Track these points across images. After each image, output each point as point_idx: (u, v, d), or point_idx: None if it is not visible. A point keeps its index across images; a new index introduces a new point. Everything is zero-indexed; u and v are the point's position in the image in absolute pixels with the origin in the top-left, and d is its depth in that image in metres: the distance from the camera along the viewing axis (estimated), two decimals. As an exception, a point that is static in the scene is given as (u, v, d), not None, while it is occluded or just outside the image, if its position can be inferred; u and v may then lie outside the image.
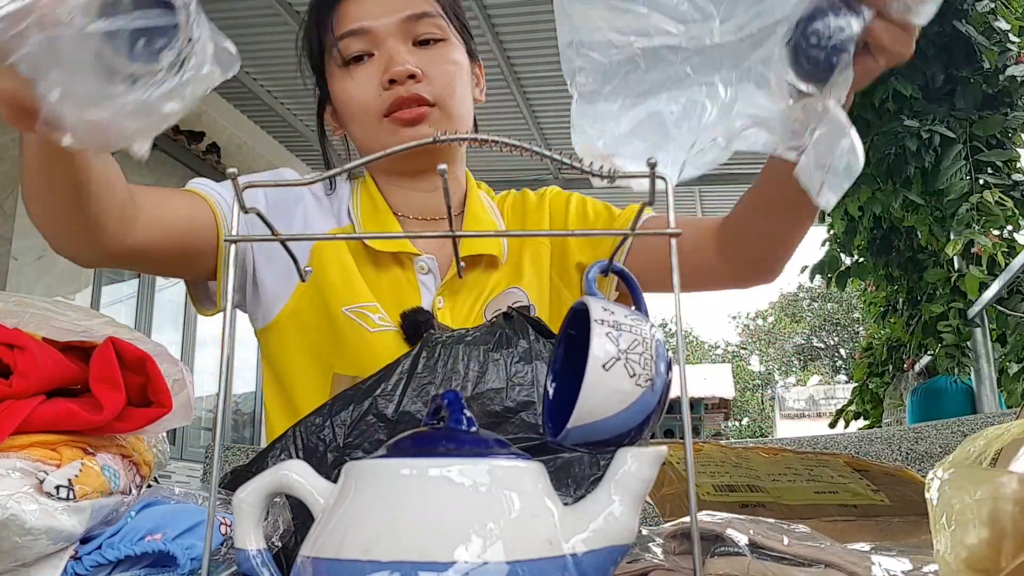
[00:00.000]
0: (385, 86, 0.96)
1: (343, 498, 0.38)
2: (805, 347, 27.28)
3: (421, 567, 0.33)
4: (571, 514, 0.38)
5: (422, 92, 0.96)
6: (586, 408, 0.40)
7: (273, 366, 1.02)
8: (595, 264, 0.46)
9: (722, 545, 0.53)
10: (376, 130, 0.98)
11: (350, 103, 0.99)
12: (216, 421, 0.45)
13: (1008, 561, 0.37)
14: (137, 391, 0.57)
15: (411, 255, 1.01)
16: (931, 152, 3.83)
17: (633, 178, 0.42)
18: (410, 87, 0.96)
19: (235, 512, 0.40)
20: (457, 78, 1.00)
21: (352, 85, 0.99)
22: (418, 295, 0.99)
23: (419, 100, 0.96)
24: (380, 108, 0.97)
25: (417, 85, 0.96)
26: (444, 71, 0.98)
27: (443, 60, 0.99)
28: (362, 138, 1.01)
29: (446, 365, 0.72)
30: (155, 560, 0.53)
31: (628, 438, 0.41)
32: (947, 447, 1.71)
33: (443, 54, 1.00)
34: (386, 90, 0.96)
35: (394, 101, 0.96)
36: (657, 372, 0.41)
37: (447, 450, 0.38)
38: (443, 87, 0.98)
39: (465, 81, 1.02)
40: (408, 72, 0.95)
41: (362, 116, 0.99)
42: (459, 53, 1.02)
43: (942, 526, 0.40)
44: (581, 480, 0.67)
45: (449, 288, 1.00)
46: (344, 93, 1.00)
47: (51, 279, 4.90)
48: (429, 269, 1.01)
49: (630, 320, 0.42)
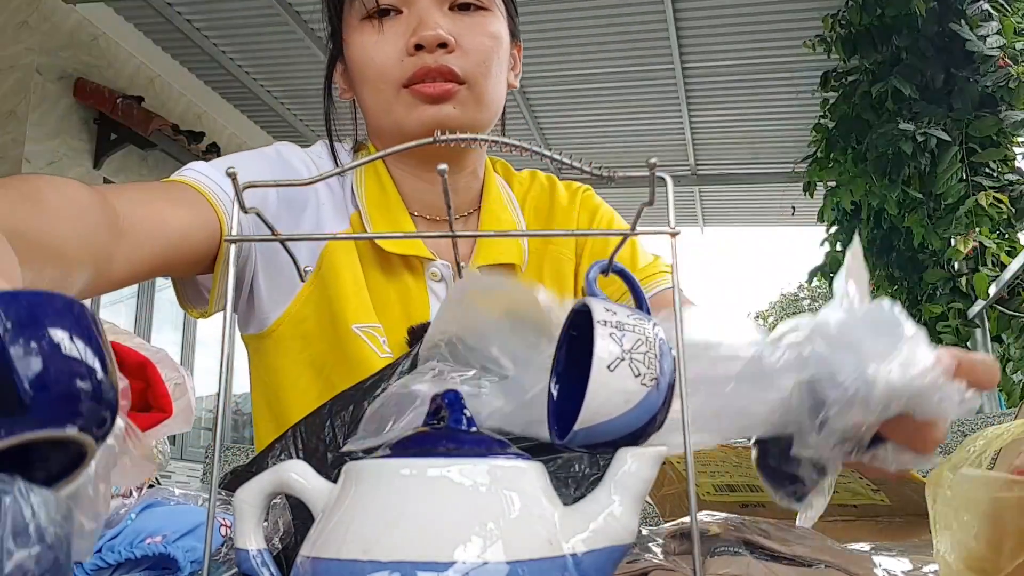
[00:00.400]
0: (410, 51, 0.83)
1: (343, 498, 0.38)
2: (805, 347, 27.20)
3: (421, 567, 0.33)
4: (571, 514, 0.38)
5: (452, 64, 0.83)
6: (592, 409, 0.40)
7: (264, 374, 0.91)
8: (595, 264, 0.46)
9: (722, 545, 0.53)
10: (391, 101, 0.85)
11: (367, 64, 0.86)
12: (216, 421, 0.46)
13: (1008, 561, 0.37)
14: (137, 396, 0.57)
15: (424, 259, 0.90)
16: (927, 155, 3.84)
17: (633, 179, 0.42)
18: (439, 57, 0.83)
19: (235, 512, 0.40)
20: (495, 54, 0.87)
21: (372, 43, 0.85)
22: (427, 306, 0.90)
23: (447, 74, 0.83)
24: (401, 76, 0.84)
25: (447, 56, 0.83)
26: (481, 44, 0.85)
27: (482, 31, 0.86)
28: (374, 107, 0.88)
29: (446, 365, 0.72)
30: (155, 562, 0.53)
31: (635, 438, 0.41)
32: (947, 447, 1.71)
33: (483, 24, 0.86)
34: (410, 56, 0.83)
35: (418, 70, 0.83)
36: (661, 371, 0.41)
37: (447, 450, 0.38)
38: (477, 62, 0.85)
39: (503, 60, 0.89)
40: (439, 39, 0.82)
41: (378, 81, 0.86)
42: (501, 26, 0.89)
43: (942, 526, 0.40)
44: (581, 480, 0.66)
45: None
46: (362, 51, 0.86)
47: (51, 279, 4.89)
48: (442, 276, 0.91)
49: (633, 320, 0.42)
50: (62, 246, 0.57)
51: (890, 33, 4.05)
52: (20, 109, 4.70)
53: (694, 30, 4.91)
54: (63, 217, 0.58)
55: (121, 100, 4.87)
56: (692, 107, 5.81)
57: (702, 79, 5.46)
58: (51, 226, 0.56)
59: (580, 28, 4.86)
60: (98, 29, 5.13)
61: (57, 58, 4.85)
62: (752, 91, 5.58)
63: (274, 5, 4.70)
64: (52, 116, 4.84)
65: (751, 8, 4.67)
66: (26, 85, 4.71)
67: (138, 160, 5.43)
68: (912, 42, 4.00)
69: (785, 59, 5.05)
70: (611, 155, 6.55)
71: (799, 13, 4.64)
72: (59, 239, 0.56)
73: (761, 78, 5.40)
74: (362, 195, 0.92)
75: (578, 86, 5.57)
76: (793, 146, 5.52)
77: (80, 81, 4.94)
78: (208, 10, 4.91)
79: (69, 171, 4.94)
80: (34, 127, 4.72)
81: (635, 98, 5.71)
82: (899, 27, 4.02)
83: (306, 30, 4.94)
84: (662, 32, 4.88)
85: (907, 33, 4.00)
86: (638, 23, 4.82)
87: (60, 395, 0.29)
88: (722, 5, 4.64)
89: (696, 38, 4.99)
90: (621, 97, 5.71)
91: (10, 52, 4.76)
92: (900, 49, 4.04)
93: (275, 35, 5.06)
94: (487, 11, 0.88)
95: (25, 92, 4.71)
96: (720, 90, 5.61)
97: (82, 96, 4.94)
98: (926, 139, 3.79)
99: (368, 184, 0.92)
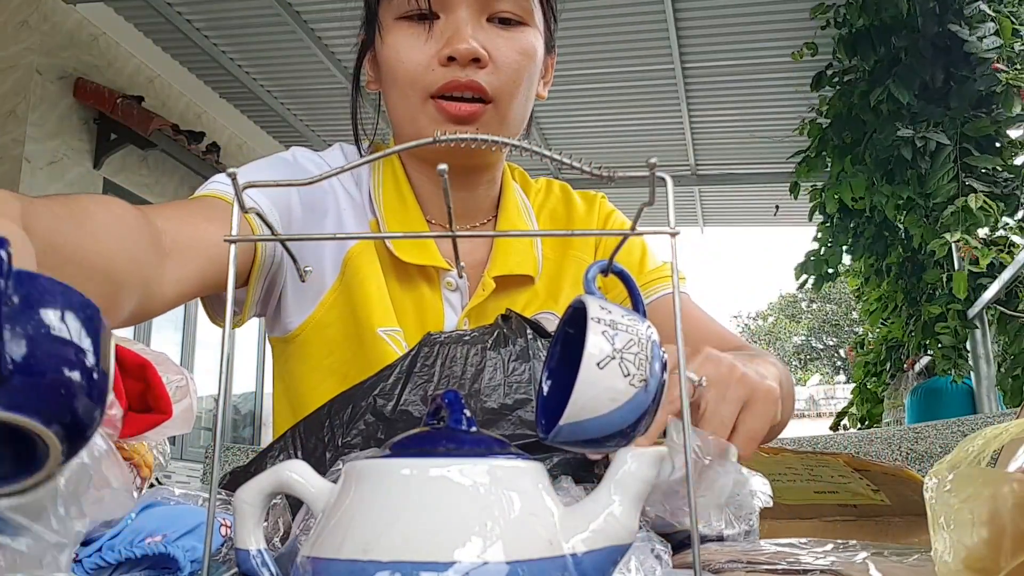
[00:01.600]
0: (442, 61, 0.82)
1: (343, 498, 0.38)
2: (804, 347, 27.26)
3: (421, 567, 0.33)
4: (571, 514, 0.38)
5: (482, 81, 0.82)
6: (578, 405, 0.40)
7: (287, 377, 0.92)
8: (594, 264, 0.46)
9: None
10: (417, 110, 0.85)
11: (396, 67, 0.85)
12: (216, 421, 0.45)
13: (1007, 561, 0.37)
14: (137, 397, 0.57)
15: (440, 269, 0.90)
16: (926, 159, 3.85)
17: (633, 179, 0.42)
18: (470, 72, 0.82)
19: (235, 512, 0.40)
20: (526, 73, 0.86)
21: (404, 47, 0.84)
22: (442, 315, 0.89)
23: (476, 90, 0.82)
24: (430, 86, 0.83)
25: (479, 72, 0.82)
26: (514, 61, 0.84)
27: (516, 47, 0.85)
28: (400, 112, 0.87)
29: (444, 364, 0.72)
30: (155, 562, 0.53)
31: (620, 438, 0.41)
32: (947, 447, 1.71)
33: (518, 40, 0.85)
34: (442, 66, 0.82)
35: (448, 83, 0.82)
36: (652, 373, 0.41)
37: (447, 450, 0.38)
38: (507, 80, 0.84)
39: (534, 77, 0.88)
40: (473, 53, 0.81)
41: (406, 87, 0.85)
42: (537, 41, 0.88)
43: (941, 526, 0.40)
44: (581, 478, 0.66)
45: (478, 311, 0.90)
46: (394, 52, 0.85)
47: (51, 279, 4.89)
48: (457, 286, 0.91)
49: (627, 320, 0.42)
50: (109, 265, 0.56)
51: (889, 33, 4.05)
52: (20, 109, 4.70)
53: (694, 30, 4.91)
54: (111, 235, 0.57)
55: (121, 100, 4.87)
56: (692, 107, 5.81)
57: (702, 79, 5.46)
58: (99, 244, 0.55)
59: (580, 28, 4.86)
60: (98, 29, 5.13)
61: (57, 58, 4.85)
62: (752, 91, 5.58)
63: (274, 5, 4.70)
64: (52, 116, 4.84)
65: (751, 8, 4.67)
66: (26, 85, 4.71)
67: (138, 160, 5.43)
68: (911, 43, 4.00)
69: (785, 59, 5.05)
70: (611, 155, 6.54)
71: (799, 14, 4.64)
72: (106, 257, 0.55)
73: (761, 78, 5.40)
74: (380, 201, 0.91)
75: (578, 86, 5.56)
76: (793, 146, 5.51)
77: (80, 81, 4.94)
78: (208, 10, 4.91)
79: (69, 171, 4.94)
80: (34, 127, 4.72)
81: (635, 98, 5.71)
82: (898, 28, 4.01)
83: (306, 30, 4.93)
84: (662, 32, 4.88)
85: (906, 34, 4.00)
86: (638, 23, 4.82)
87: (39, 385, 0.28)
88: (722, 5, 4.64)
89: (696, 38, 4.99)
90: (621, 97, 5.71)
91: (10, 52, 4.76)
92: (899, 49, 4.04)
93: (275, 35, 5.06)
94: (525, 26, 0.86)
95: (25, 92, 4.71)
96: (720, 90, 5.61)
97: (82, 96, 4.94)
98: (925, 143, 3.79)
99: (387, 190, 0.92)
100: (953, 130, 3.85)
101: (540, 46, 0.89)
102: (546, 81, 0.96)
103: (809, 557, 0.52)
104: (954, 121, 3.86)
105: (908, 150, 3.80)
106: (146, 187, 5.59)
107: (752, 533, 0.66)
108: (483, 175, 0.95)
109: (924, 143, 3.80)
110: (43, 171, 4.78)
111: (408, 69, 0.84)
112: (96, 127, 5.10)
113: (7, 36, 4.77)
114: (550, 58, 0.96)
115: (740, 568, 0.51)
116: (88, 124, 5.07)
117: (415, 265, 0.90)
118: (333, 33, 4.97)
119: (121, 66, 5.33)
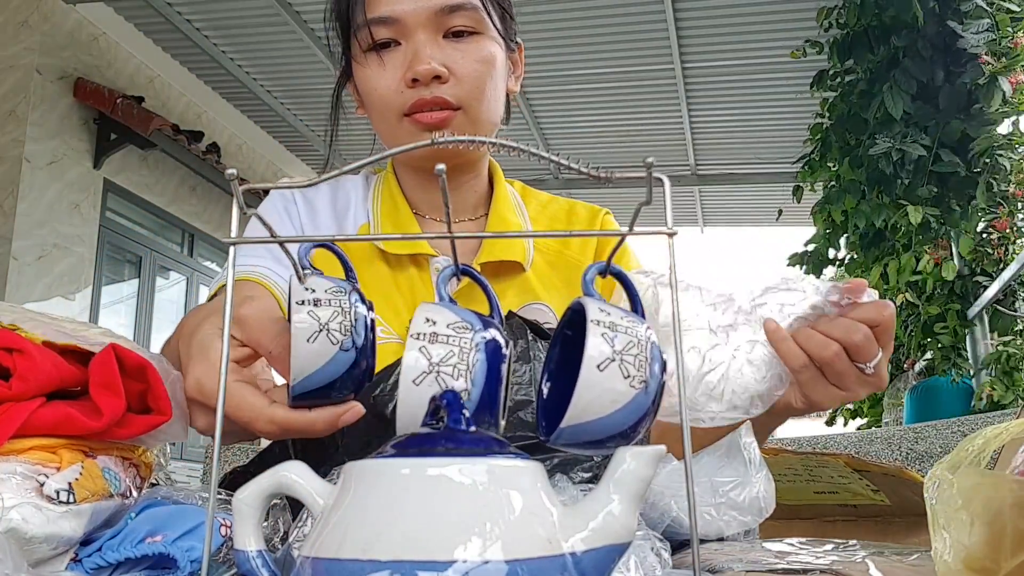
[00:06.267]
0: (408, 83, 0.90)
1: (343, 498, 0.38)
2: (805, 347, 27.22)
3: (421, 566, 0.33)
4: (570, 513, 0.38)
5: (446, 95, 0.90)
6: (579, 408, 0.40)
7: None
8: (593, 265, 0.46)
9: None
10: (395, 128, 0.93)
11: (371, 94, 0.94)
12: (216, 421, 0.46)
13: (1007, 561, 0.37)
14: (137, 398, 0.57)
15: (428, 256, 0.96)
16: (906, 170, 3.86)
17: (630, 179, 0.42)
18: (434, 89, 0.90)
19: (234, 513, 0.40)
20: (487, 77, 0.93)
21: (374, 76, 0.93)
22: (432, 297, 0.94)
23: (442, 104, 0.90)
24: (401, 106, 0.91)
25: (442, 87, 0.90)
26: (473, 70, 0.92)
27: (474, 57, 0.92)
28: (381, 130, 0.97)
29: (445, 365, 0.72)
30: (155, 562, 0.53)
31: (621, 439, 0.42)
32: (947, 447, 1.71)
33: (475, 49, 0.92)
34: (409, 88, 0.90)
35: (416, 102, 0.90)
36: (651, 374, 0.41)
37: (446, 450, 0.38)
38: (470, 89, 0.92)
39: (497, 78, 0.95)
40: (433, 73, 0.89)
41: (382, 111, 0.93)
42: (493, 46, 0.95)
43: (941, 526, 0.40)
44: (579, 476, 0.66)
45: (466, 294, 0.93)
46: (366, 82, 0.94)
47: (51, 279, 4.90)
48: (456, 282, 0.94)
49: (626, 322, 0.42)
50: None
51: (888, 34, 4.04)
52: (20, 109, 4.70)
53: (694, 30, 4.91)
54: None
55: (121, 100, 4.87)
56: (692, 107, 5.81)
57: (702, 79, 5.46)
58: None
59: (580, 28, 4.86)
60: (98, 29, 5.13)
61: (57, 58, 4.85)
62: (752, 91, 5.57)
63: (274, 5, 4.70)
64: (52, 116, 4.84)
65: (751, 8, 4.67)
66: (26, 85, 4.71)
67: (138, 160, 5.43)
68: (910, 43, 4.00)
69: (785, 59, 5.04)
70: (611, 155, 6.54)
71: (799, 13, 4.64)
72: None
73: (761, 78, 5.40)
74: (377, 208, 1.00)
75: (578, 86, 5.56)
76: (793, 146, 5.51)
77: (80, 81, 4.95)
78: (208, 10, 4.91)
79: (69, 171, 4.95)
80: (34, 127, 4.72)
81: (635, 98, 5.71)
82: (897, 28, 4.01)
83: (306, 30, 4.93)
84: (662, 32, 4.88)
85: (905, 34, 4.00)
86: (638, 23, 4.82)
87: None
88: (722, 5, 4.64)
89: (696, 38, 4.99)
90: (621, 97, 5.71)
91: (10, 52, 4.76)
92: (897, 50, 4.03)
93: (275, 35, 5.06)
94: (479, 35, 0.93)
95: (25, 92, 4.71)
96: (720, 90, 5.60)
97: (82, 96, 4.94)
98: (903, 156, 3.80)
99: (383, 198, 1.01)
100: (936, 133, 3.86)
101: (498, 50, 0.95)
102: (517, 75, 1.03)
103: (809, 557, 0.52)
104: (939, 124, 3.86)
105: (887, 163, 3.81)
106: (146, 187, 5.59)
107: (752, 533, 0.66)
108: (468, 173, 1.02)
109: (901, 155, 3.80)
110: (43, 171, 4.79)
111: (381, 95, 0.93)
112: (96, 127, 5.10)
113: (7, 36, 4.77)
114: (515, 53, 1.02)
115: (740, 568, 0.51)
116: (88, 124, 5.08)
117: (404, 255, 0.96)
118: (333, 34, 4.96)
119: (121, 66, 5.34)
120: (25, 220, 4.69)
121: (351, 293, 0.52)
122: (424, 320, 0.43)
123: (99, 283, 5.32)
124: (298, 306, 0.49)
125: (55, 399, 0.54)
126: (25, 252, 4.71)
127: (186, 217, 6.09)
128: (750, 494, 0.65)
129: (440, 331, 0.43)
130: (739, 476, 0.66)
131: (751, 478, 0.66)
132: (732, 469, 0.66)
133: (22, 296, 4.60)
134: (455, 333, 0.43)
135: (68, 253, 5.00)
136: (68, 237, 4.99)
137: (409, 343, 0.42)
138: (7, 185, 4.66)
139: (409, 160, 1.00)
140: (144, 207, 5.68)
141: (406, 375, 0.42)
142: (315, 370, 0.50)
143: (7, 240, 4.62)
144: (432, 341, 0.43)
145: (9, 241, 4.62)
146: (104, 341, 0.57)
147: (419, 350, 0.42)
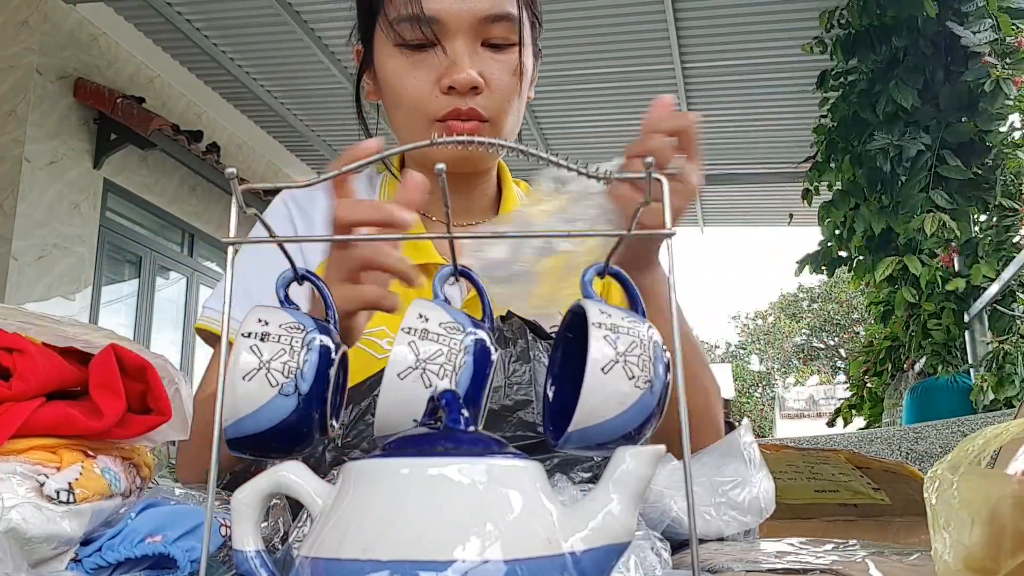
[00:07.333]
0: (444, 90, 0.89)
1: (342, 498, 0.38)
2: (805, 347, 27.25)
3: (420, 566, 0.33)
4: (570, 513, 0.38)
5: (479, 107, 0.89)
6: (586, 411, 0.40)
7: None
8: (592, 266, 0.46)
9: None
10: (424, 132, 0.91)
11: (401, 93, 0.92)
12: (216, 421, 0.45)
13: (1007, 561, 0.37)
14: (137, 398, 0.57)
15: (437, 265, 0.94)
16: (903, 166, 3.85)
17: (629, 179, 0.42)
18: (468, 100, 0.89)
19: (233, 513, 0.40)
20: (518, 91, 0.93)
21: (406, 74, 0.90)
22: None
23: (476, 116, 0.89)
24: (434, 112, 0.90)
25: (476, 97, 0.89)
26: (508, 84, 0.91)
27: (510, 70, 0.91)
28: (404, 130, 0.95)
29: (445, 365, 0.72)
30: (155, 562, 0.53)
31: (629, 440, 0.42)
32: (947, 447, 1.71)
33: (510, 62, 0.92)
34: (444, 94, 0.89)
35: (450, 111, 0.89)
36: (656, 373, 0.41)
37: (445, 449, 0.38)
38: (502, 101, 0.91)
39: (524, 91, 0.95)
40: (471, 83, 0.88)
41: (411, 112, 0.92)
42: (527, 57, 0.94)
43: (941, 526, 0.40)
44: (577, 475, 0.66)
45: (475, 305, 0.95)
46: (396, 79, 0.91)
47: (51, 279, 4.90)
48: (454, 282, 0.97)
49: (628, 322, 0.42)
50: None
51: (890, 33, 4.04)
52: (20, 109, 4.70)
53: (694, 30, 4.91)
54: None
55: (121, 100, 4.87)
56: (692, 107, 5.81)
57: (702, 79, 5.46)
58: None
59: (580, 28, 4.86)
60: (98, 29, 5.13)
61: (57, 58, 4.85)
62: (752, 91, 5.57)
63: (274, 5, 4.70)
64: (52, 116, 4.84)
65: (751, 8, 4.66)
66: (26, 85, 4.71)
67: (138, 160, 5.43)
68: (912, 42, 4.00)
69: (785, 59, 5.05)
70: (611, 155, 6.52)
71: (799, 13, 4.64)
72: None
73: (761, 78, 5.40)
74: None
75: (578, 86, 5.56)
76: (793, 146, 5.52)
77: (80, 81, 4.95)
78: (208, 10, 4.91)
79: (69, 171, 4.95)
80: (34, 127, 4.72)
81: (635, 98, 5.70)
82: (899, 27, 4.01)
83: (306, 30, 4.93)
84: (662, 32, 4.88)
85: (907, 34, 3.99)
86: (638, 23, 4.82)
87: None
88: (722, 5, 4.64)
89: (696, 38, 4.99)
90: (621, 97, 5.71)
91: (10, 52, 4.76)
92: (898, 49, 4.03)
93: (275, 35, 5.06)
94: (516, 46, 0.92)
95: (25, 92, 4.71)
96: (720, 90, 5.60)
97: (82, 96, 4.94)
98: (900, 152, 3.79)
99: (389, 196, 0.99)
100: (937, 133, 3.85)
101: (530, 60, 0.94)
102: (533, 83, 1.02)
103: (809, 557, 0.52)
104: (939, 124, 3.86)
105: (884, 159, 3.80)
106: (146, 187, 5.59)
107: (752, 533, 0.66)
108: (480, 178, 1.01)
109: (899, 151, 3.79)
110: (43, 171, 4.79)
111: (412, 96, 0.90)
112: (96, 127, 5.10)
113: (7, 36, 4.77)
114: (536, 62, 1.01)
115: (740, 568, 0.51)
116: (88, 124, 5.08)
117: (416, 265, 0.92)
118: (333, 33, 4.97)
119: (121, 66, 5.33)
120: (25, 220, 4.69)
121: (311, 332, 0.45)
122: (417, 316, 0.43)
123: (99, 283, 5.32)
124: (243, 338, 0.44)
125: (55, 399, 0.54)
126: (25, 252, 4.71)
127: (186, 217, 6.09)
128: (750, 494, 0.65)
129: (432, 328, 0.43)
130: (739, 476, 0.66)
131: (751, 478, 0.66)
132: (732, 469, 0.66)
133: (22, 296, 4.60)
134: (446, 333, 0.43)
135: (68, 253, 5.00)
136: (68, 237, 4.99)
137: (400, 336, 0.42)
138: (7, 185, 4.66)
139: (425, 161, 0.98)
140: (144, 207, 5.68)
141: (392, 367, 0.41)
142: (247, 413, 0.44)
143: (7, 240, 4.62)
144: (423, 338, 0.42)
145: (9, 241, 4.62)
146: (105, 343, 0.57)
147: (408, 344, 0.42)
